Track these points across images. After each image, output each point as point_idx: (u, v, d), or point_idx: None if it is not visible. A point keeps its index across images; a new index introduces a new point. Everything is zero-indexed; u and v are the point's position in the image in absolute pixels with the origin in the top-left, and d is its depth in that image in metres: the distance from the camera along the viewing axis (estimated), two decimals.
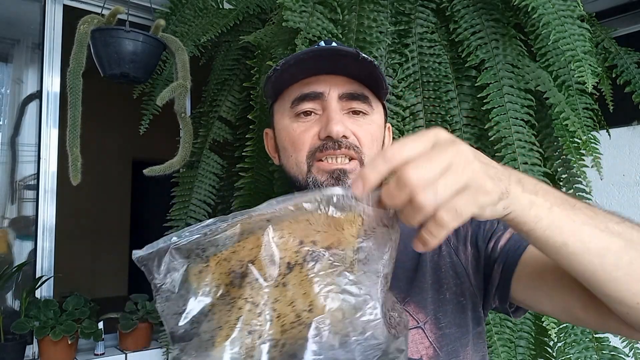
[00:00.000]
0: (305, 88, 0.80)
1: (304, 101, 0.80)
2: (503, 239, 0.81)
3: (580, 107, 1.39)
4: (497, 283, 0.80)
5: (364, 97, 0.82)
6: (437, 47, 1.44)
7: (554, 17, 1.21)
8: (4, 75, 2.24)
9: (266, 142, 0.94)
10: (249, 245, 0.52)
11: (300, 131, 0.81)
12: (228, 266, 0.52)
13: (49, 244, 2.09)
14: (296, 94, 0.81)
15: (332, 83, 0.80)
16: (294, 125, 0.81)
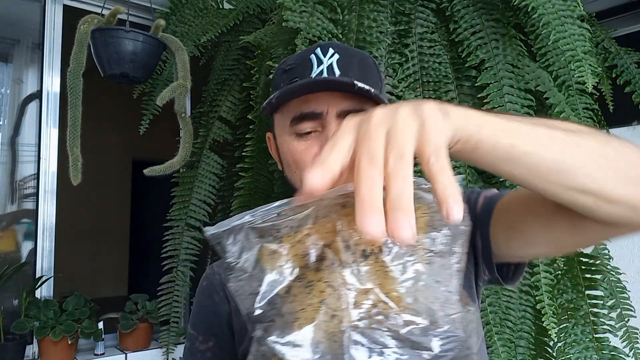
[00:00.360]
0: (304, 106, 0.79)
1: (303, 121, 0.79)
2: (478, 204, 0.80)
3: (580, 107, 1.39)
4: (481, 246, 0.78)
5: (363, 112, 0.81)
6: (437, 47, 1.44)
7: (554, 17, 1.21)
8: (4, 75, 2.24)
9: (270, 146, 0.94)
10: (324, 229, 0.52)
11: (301, 150, 0.80)
12: (302, 248, 0.52)
13: (49, 244, 2.09)
14: (295, 112, 0.80)
15: (331, 101, 0.79)
16: (294, 144, 0.81)
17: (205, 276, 0.90)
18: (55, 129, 2.13)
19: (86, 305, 1.98)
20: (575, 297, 1.33)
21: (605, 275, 1.37)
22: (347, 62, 0.81)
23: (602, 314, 1.33)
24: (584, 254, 1.37)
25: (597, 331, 1.32)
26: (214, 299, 0.85)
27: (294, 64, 0.83)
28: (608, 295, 1.37)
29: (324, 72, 0.79)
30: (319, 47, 0.82)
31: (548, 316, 1.19)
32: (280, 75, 0.85)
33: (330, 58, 0.81)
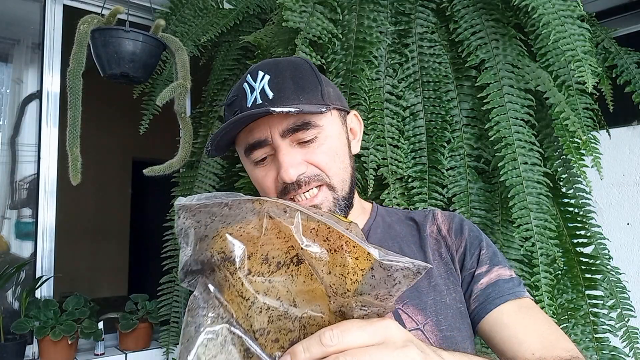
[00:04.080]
0: (249, 137, 0.82)
1: (253, 150, 0.83)
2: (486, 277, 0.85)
3: (580, 107, 1.39)
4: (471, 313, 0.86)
5: (305, 124, 0.80)
6: (437, 47, 1.44)
7: (554, 17, 1.21)
8: (4, 75, 2.24)
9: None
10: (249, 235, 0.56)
11: (261, 177, 0.85)
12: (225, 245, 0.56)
13: (49, 244, 2.09)
14: (244, 143, 0.84)
15: (271, 124, 0.80)
16: (255, 172, 0.85)
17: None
18: (55, 129, 2.13)
19: (86, 305, 1.98)
20: (575, 297, 1.33)
21: (605, 275, 1.37)
22: (278, 81, 0.81)
23: (602, 314, 1.33)
24: (584, 254, 1.37)
25: (597, 331, 1.32)
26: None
27: (233, 97, 0.85)
28: (608, 295, 1.37)
29: (257, 98, 0.80)
30: (249, 74, 0.84)
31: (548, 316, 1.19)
32: (226, 108, 0.87)
33: (261, 81, 0.82)
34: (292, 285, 0.54)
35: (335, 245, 0.53)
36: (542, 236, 1.23)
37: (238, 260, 0.55)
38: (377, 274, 0.52)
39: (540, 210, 1.24)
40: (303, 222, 0.55)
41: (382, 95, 1.39)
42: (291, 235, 0.54)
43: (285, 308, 0.54)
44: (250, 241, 0.55)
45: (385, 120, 1.36)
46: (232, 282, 0.55)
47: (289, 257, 0.55)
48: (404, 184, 1.38)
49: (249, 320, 0.54)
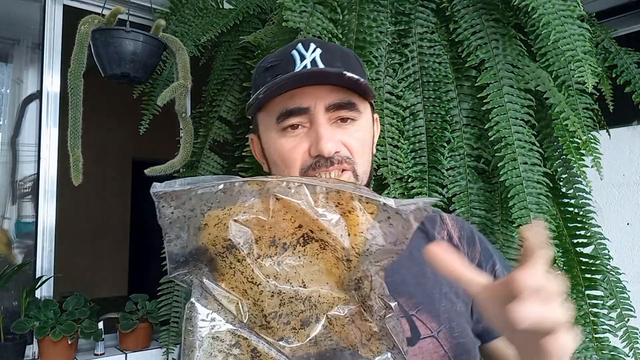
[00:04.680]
0: (289, 103, 0.76)
1: (289, 117, 0.77)
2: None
3: (580, 107, 1.39)
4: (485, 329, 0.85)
5: (351, 104, 0.78)
6: (437, 47, 1.45)
7: (554, 17, 1.21)
8: (4, 75, 2.24)
9: (253, 148, 0.91)
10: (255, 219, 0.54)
11: (289, 148, 0.78)
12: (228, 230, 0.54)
13: (49, 244, 2.09)
14: (280, 108, 0.77)
15: (317, 95, 0.76)
16: (282, 141, 0.78)
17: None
18: (55, 129, 2.13)
19: (86, 305, 1.98)
20: (575, 297, 1.33)
21: (605, 275, 1.37)
22: (330, 56, 0.79)
23: (602, 314, 1.33)
24: (584, 254, 1.37)
25: (597, 331, 1.32)
26: None
27: (275, 61, 0.80)
28: (608, 295, 1.37)
29: (307, 66, 0.77)
30: (300, 43, 0.80)
31: None
32: (262, 73, 0.82)
33: (312, 53, 0.79)
34: (299, 266, 0.55)
35: (348, 207, 0.54)
36: None
37: (247, 246, 0.54)
38: (394, 221, 0.54)
39: (540, 210, 1.24)
40: (311, 194, 0.54)
41: (382, 95, 1.39)
42: (302, 212, 0.54)
43: (295, 289, 0.54)
44: (257, 225, 0.54)
45: (385, 120, 1.36)
46: (239, 269, 0.54)
47: (295, 238, 0.55)
48: (404, 183, 1.38)
49: (259, 305, 0.54)
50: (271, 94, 0.75)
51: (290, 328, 0.54)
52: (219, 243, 0.54)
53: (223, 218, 0.54)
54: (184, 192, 0.54)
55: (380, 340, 0.55)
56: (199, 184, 0.54)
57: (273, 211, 0.54)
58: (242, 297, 0.54)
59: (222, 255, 0.55)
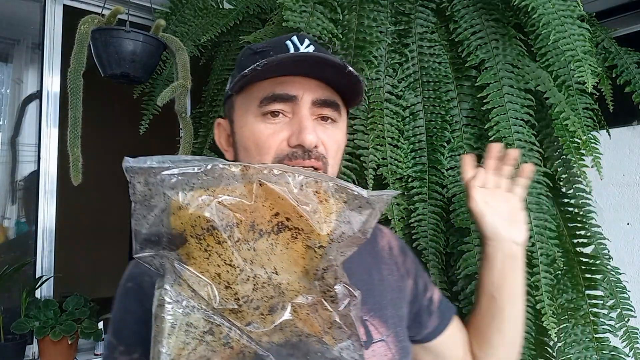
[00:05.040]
0: (277, 88, 0.75)
1: (274, 102, 0.75)
2: (436, 294, 0.98)
3: (580, 107, 1.39)
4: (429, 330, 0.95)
5: (335, 104, 0.79)
6: (437, 47, 1.44)
7: (554, 17, 1.21)
8: (4, 75, 2.24)
9: (217, 134, 0.88)
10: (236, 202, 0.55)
11: (268, 133, 0.76)
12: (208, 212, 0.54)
13: (49, 244, 2.09)
14: (266, 92, 0.76)
15: (306, 87, 0.76)
16: (260, 126, 0.76)
17: (130, 276, 0.77)
18: (55, 129, 2.13)
19: (86, 305, 1.98)
20: (575, 297, 1.33)
21: (605, 275, 1.37)
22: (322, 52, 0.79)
23: (602, 314, 1.33)
24: (584, 254, 1.37)
25: (597, 331, 1.32)
26: (144, 306, 0.70)
27: (267, 47, 0.79)
28: (608, 295, 1.37)
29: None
30: (296, 36, 0.80)
31: (548, 316, 1.19)
32: (250, 56, 0.80)
33: (307, 47, 0.79)
34: (272, 254, 0.56)
35: (325, 195, 0.56)
36: (542, 236, 1.23)
37: (229, 228, 0.54)
38: (364, 210, 0.57)
39: (540, 210, 1.24)
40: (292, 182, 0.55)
41: (381, 95, 1.39)
42: (281, 199, 0.55)
43: (268, 275, 0.55)
44: (239, 209, 0.54)
45: (385, 120, 1.36)
46: (217, 252, 0.54)
47: (271, 225, 0.56)
48: (404, 183, 1.38)
49: (233, 289, 0.54)
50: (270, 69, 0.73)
51: (258, 313, 0.55)
52: (199, 224, 0.54)
53: (206, 199, 0.54)
54: (162, 169, 0.53)
55: (341, 329, 0.57)
56: (179, 163, 0.54)
57: (255, 196, 0.54)
58: (213, 281, 0.54)
59: (200, 236, 0.54)
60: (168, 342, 0.52)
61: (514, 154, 0.97)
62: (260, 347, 0.54)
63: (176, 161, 0.54)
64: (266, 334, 0.55)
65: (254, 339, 0.54)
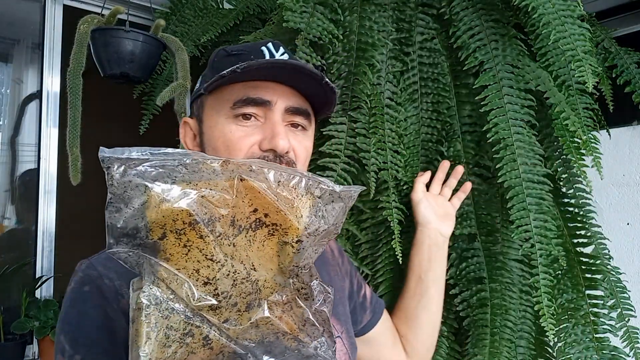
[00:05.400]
0: (251, 92, 0.75)
1: (248, 105, 0.76)
2: (367, 290, 1.07)
3: (580, 107, 1.38)
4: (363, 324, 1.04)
5: (307, 113, 0.80)
6: (437, 56, 1.44)
7: (554, 17, 1.21)
8: (4, 75, 2.24)
9: (182, 133, 0.88)
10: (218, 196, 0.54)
11: (239, 135, 0.76)
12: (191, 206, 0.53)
13: (49, 244, 2.09)
14: (240, 95, 0.76)
15: (280, 93, 0.76)
16: (231, 127, 0.76)
17: (86, 279, 0.72)
18: (55, 129, 2.13)
19: None
20: (575, 297, 1.33)
21: (606, 275, 1.37)
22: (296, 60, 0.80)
23: (603, 314, 1.33)
24: (584, 254, 1.37)
25: (598, 331, 1.31)
26: (106, 312, 0.68)
27: (242, 50, 0.80)
28: (608, 295, 1.37)
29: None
30: (271, 43, 0.81)
31: (546, 317, 1.19)
32: (224, 58, 0.81)
33: (282, 55, 0.80)
34: (249, 250, 0.56)
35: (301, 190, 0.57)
36: (542, 237, 1.23)
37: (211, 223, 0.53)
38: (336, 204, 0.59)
39: (541, 210, 1.24)
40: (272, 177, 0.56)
41: (382, 100, 1.38)
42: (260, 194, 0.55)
43: (247, 271, 0.55)
44: (222, 204, 0.54)
45: (385, 125, 1.36)
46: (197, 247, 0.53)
47: (249, 222, 0.55)
48: (401, 189, 1.37)
49: (213, 284, 0.54)
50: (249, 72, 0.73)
51: (236, 310, 0.54)
52: (180, 218, 0.53)
53: (189, 193, 0.53)
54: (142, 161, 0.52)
55: (315, 326, 0.57)
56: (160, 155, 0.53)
57: (236, 191, 0.54)
58: (190, 277, 0.53)
59: (181, 231, 0.53)
60: (147, 346, 0.50)
61: (460, 170, 1.27)
62: (238, 345, 0.53)
63: (156, 153, 0.53)
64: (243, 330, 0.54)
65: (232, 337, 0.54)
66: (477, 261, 1.33)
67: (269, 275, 0.57)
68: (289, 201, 0.56)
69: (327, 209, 0.58)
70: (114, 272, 0.71)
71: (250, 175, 0.55)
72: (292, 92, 0.78)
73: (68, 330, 0.69)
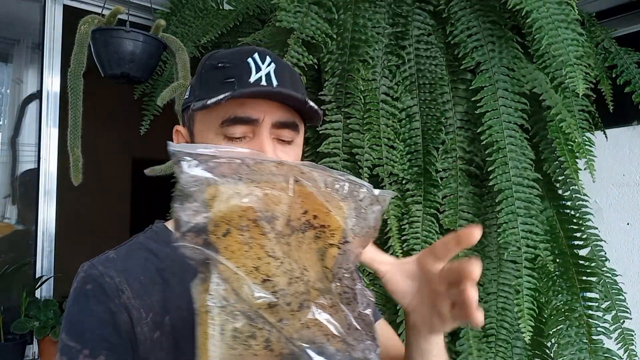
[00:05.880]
0: (239, 110, 0.76)
1: (236, 124, 0.76)
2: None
3: (576, 110, 1.39)
4: None
5: (294, 125, 0.80)
6: (434, 50, 1.44)
7: (548, 21, 1.21)
8: (4, 75, 2.25)
9: (175, 140, 0.90)
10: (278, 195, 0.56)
11: None
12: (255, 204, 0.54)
13: (49, 244, 2.10)
14: (227, 113, 0.76)
15: (267, 109, 0.77)
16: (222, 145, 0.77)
17: (88, 278, 0.75)
18: (55, 129, 2.14)
19: None
20: (570, 298, 1.33)
21: (601, 277, 1.37)
22: (282, 73, 0.80)
23: (597, 317, 1.33)
24: (579, 256, 1.37)
25: (592, 333, 1.32)
26: (108, 307, 0.72)
27: (228, 63, 0.79)
28: (603, 298, 1.37)
29: (262, 79, 0.78)
30: (257, 53, 0.80)
31: (525, 320, 1.20)
32: (211, 70, 0.80)
33: (268, 66, 0.79)
34: (300, 251, 0.56)
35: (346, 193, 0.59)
36: (527, 240, 1.24)
37: (272, 221, 0.55)
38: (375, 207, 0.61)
39: (528, 215, 1.24)
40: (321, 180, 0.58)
41: (378, 96, 1.39)
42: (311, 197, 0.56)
43: (301, 270, 0.56)
44: (280, 203, 0.55)
45: (381, 120, 1.36)
46: (259, 244, 0.54)
47: (299, 223, 0.57)
48: (399, 185, 1.38)
49: (272, 280, 0.54)
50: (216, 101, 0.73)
51: (289, 309, 0.54)
52: (245, 215, 0.53)
53: (253, 190, 0.54)
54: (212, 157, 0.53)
55: (358, 330, 0.57)
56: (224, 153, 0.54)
57: (292, 192, 0.56)
58: (250, 275, 0.53)
59: (244, 228, 0.53)
60: (215, 349, 0.51)
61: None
62: (295, 346, 0.53)
63: (222, 151, 0.54)
64: (295, 331, 0.54)
65: (288, 337, 0.54)
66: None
67: (316, 277, 0.57)
68: (336, 203, 0.58)
69: (367, 212, 0.60)
70: (113, 270, 0.75)
71: (303, 177, 0.57)
72: (279, 106, 0.78)
73: (73, 328, 0.73)
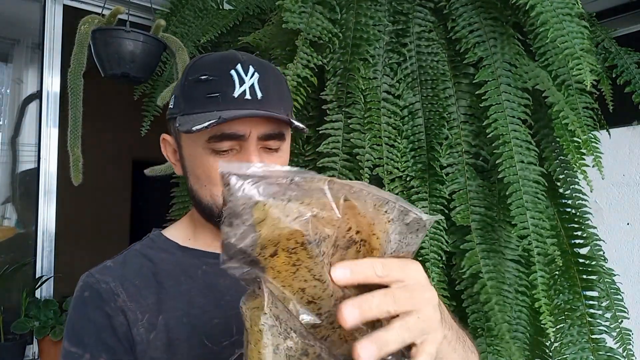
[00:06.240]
0: (225, 127, 0.76)
1: (223, 140, 0.77)
2: None
3: (580, 107, 1.38)
4: None
5: (281, 135, 0.81)
6: (435, 46, 1.44)
7: (552, 14, 1.21)
8: (4, 75, 2.25)
9: (163, 147, 0.91)
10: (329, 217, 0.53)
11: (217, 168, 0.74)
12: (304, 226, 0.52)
13: (49, 244, 2.09)
14: (214, 130, 0.77)
15: (253, 124, 0.77)
16: (210, 160, 0.79)
17: (85, 286, 0.82)
18: (55, 129, 2.13)
19: None
20: (572, 297, 1.33)
21: (601, 276, 1.37)
22: (266, 84, 0.80)
23: (599, 315, 1.33)
24: (581, 254, 1.37)
25: (594, 332, 1.32)
26: (105, 311, 0.77)
27: (211, 76, 0.79)
28: (603, 297, 1.37)
29: (246, 92, 0.78)
30: (240, 64, 0.80)
31: (545, 315, 1.19)
32: (195, 84, 0.81)
33: (251, 77, 0.79)
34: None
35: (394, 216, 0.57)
36: (538, 235, 1.23)
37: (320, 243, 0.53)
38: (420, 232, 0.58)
39: (537, 209, 1.24)
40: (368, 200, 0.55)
41: (379, 94, 1.38)
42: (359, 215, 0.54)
43: (344, 291, 0.54)
44: (329, 223, 0.53)
45: (382, 119, 1.36)
46: (306, 266, 0.52)
47: (344, 241, 0.54)
48: (403, 182, 1.37)
49: (317, 304, 0.53)
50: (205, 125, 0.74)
51: (332, 327, 0.54)
52: (293, 237, 0.51)
53: (303, 212, 0.51)
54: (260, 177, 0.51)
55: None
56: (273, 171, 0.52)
57: (341, 212, 0.53)
58: (295, 295, 0.52)
59: (292, 250, 0.52)
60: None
61: None
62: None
63: (271, 170, 0.52)
64: (335, 345, 0.54)
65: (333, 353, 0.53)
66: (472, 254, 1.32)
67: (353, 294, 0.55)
68: (382, 226, 0.55)
69: (412, 237, 0.58)
70: (109, 276, 0.81)
71: (352, 197, 0.54)
72: (266, 120, 0.78)
73: (74, 335, 0.77)
